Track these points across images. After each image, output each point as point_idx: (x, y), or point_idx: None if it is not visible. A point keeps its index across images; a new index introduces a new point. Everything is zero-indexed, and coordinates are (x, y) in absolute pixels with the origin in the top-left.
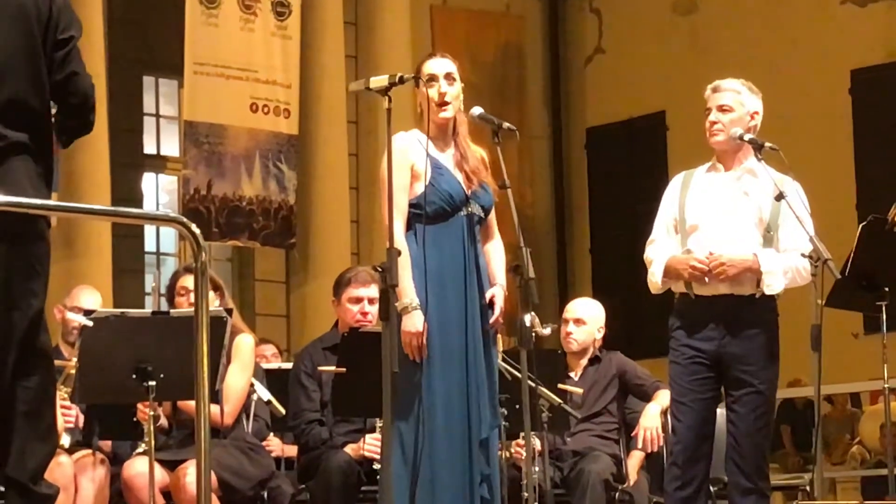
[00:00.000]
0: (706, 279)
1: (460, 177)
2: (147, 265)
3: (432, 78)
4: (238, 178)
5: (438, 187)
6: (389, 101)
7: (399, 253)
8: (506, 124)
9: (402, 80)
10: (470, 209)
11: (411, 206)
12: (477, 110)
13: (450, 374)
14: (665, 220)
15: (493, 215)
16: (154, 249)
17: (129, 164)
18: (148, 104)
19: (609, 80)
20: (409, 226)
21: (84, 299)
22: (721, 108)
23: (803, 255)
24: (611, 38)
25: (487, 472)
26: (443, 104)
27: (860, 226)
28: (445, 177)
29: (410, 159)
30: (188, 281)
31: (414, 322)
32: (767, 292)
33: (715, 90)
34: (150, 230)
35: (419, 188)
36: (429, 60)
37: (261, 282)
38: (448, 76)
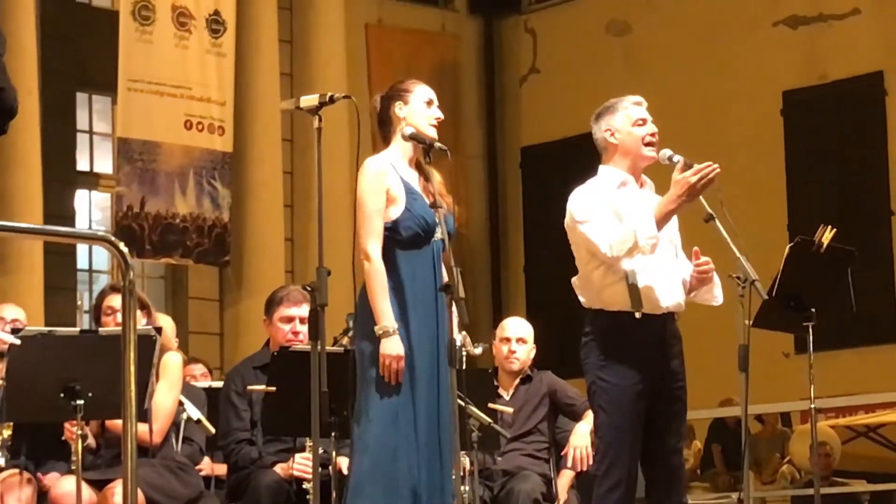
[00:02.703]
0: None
1: (427, 201)
2: (79, 282)
3: (430, 102)
4: (172, 195)
5: (414, 212)
6: (320, 120)
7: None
8: (437, 144)
9: (332, 100)
10: (438, 235)
11: (387, 230)
12: (408, 130)
13: (421, 398)
14: (610, 213)
15: None
16: (86, 267)
17: (62, 180)
18: (81, 121)
19: (544, 100)
20: (386, 251)
21: (7, 316)
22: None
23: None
24: (546, 59)
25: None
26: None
27: (788, 247)
28: (419, 202)
29: (386, 183)
30: (115, 300)
31: (395, 346)
32: (714, 303)
33: (640, 104)
34: (82, 247)
35: (393, 213)
36: (424, 86)
37: (194, 300)
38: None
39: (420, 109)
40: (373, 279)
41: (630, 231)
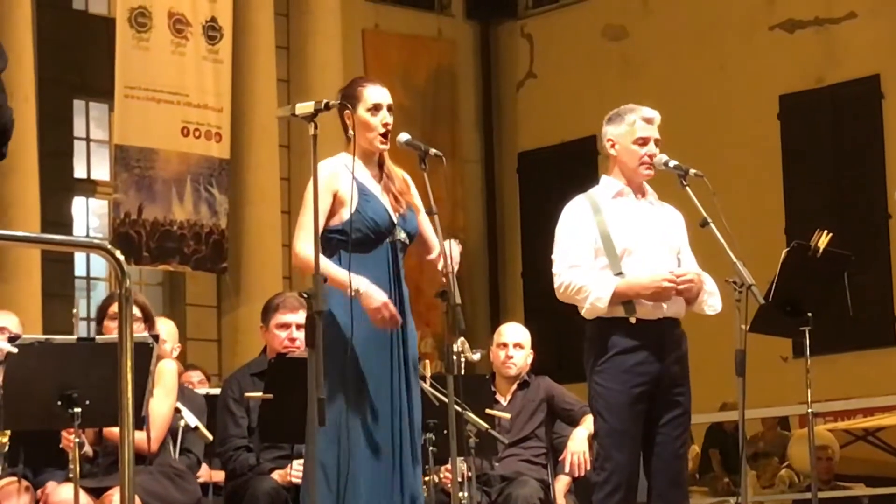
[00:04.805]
0: (656, 299)
1: (387, 200)
2: (77, 290)
3: (377, 107)
4: (169, 202)
5: (364, 214)
6: (315, 126)
7: (325, 280)
8: (432, 150)
9: (328, 107)
10: (396, 236)
11: (336, 232)
12: (404, 136)
13: (373, 401)
14: (587, 243)
15: (429, 231)
16: (84, 274)
17: (60, 188)
18: (78, 128)
19: (541, 105)
20: (333, 253)
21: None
22: (657, 142)
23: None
24: (542, 63)
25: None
26: (386, 135)
27: (784, 251)
28: (372, 203)
29: (335, 186)
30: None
31: (377, 295)
32: (709, 312)
33: (650, 122)
34: (80, 255)
35: (346, 214)
36: (370, 86)
37: (192, 306)
38: (389, 107)
39: (363, 119)
40: (310, 262)
41: (587, 289)
